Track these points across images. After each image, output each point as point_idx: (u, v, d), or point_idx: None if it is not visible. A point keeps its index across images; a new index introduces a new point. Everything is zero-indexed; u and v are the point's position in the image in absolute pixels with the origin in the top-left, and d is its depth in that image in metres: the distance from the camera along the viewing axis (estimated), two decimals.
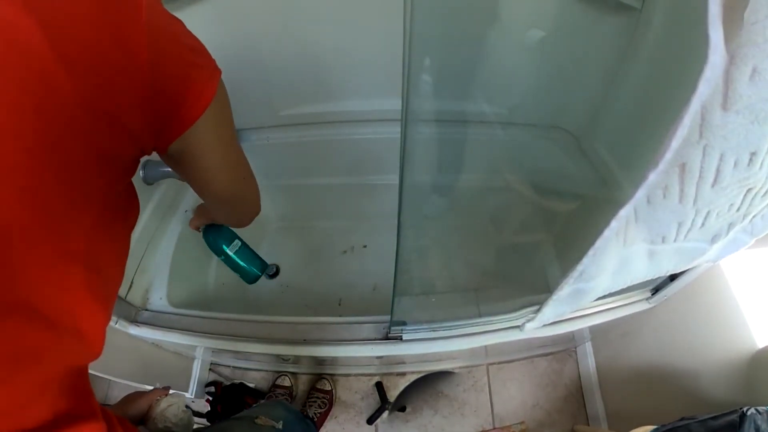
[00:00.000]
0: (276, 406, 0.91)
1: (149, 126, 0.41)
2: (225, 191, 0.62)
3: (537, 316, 0.51)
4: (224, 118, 0.52)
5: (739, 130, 0.31)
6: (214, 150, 0.53)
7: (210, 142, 0.51)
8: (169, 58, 0.41)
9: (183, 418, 0.72)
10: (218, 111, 0.49)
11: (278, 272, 1.83)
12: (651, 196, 0.39)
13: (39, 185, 0.32)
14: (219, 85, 0.48)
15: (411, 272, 1.45)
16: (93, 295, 0.39)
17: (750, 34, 0.25)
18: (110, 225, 0.42)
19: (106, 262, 0.42)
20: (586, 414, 1.55)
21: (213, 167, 0.56)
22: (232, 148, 0.57)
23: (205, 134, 0.49)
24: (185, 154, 0.51)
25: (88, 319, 0.39)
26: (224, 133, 0.53)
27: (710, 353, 1.05)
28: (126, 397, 0.74)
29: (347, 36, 1.33)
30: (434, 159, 1.60)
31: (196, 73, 0.44)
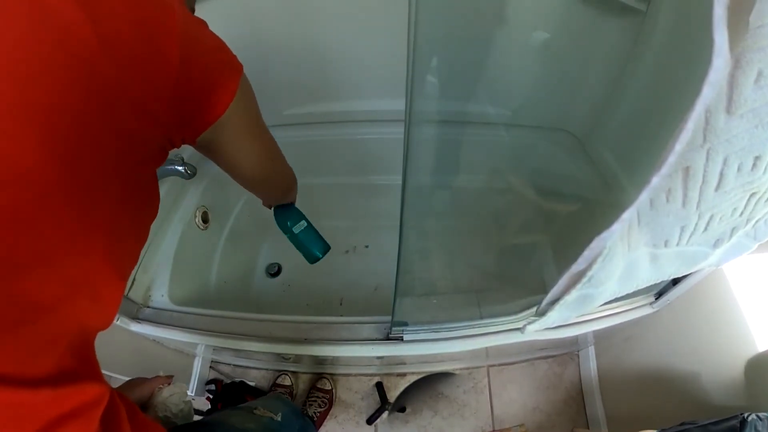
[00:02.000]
0: (275, 400, 0.92)
1: (178, 119, 0.45)
2: (255, 174, 0.69)
3: (541, 319, 0.51)
4: (249, 108, 0.56)
5: (743, 134, 0.31)
6: (242, 138, 0.58)
7: (237, 131, 0.55)
8: (197, 58, 0.44)
9: (183, 408, 0.72)
10: (243, 103, 0.53)
11: (280, 271, 1.84)
12: (654, 200, 0.39)
13: (70, 146, 0.35)
14: (242, 79, 0.51)
15: (413, 273, 1.45)
16: (112, 266, 0.41)
17: (755, 37, 0.25)
18: (133, 206, 0.44)
19: (126, 239, 0.44)
20: (586, 417, 1.54)
21: (241, 154, 0.61)
22: (258, 134, 0.62)
23: (231, 125, 0.53)
24: (214, 143, 0.55)
25: (104, 284, 0.41)
26: (250, 122, 0.58)
27: (712, 358, 1.05)
28: (129, 382, 0.75)
29: (352, 36, 1.34)
30: (437, 160, 1.60)
31: (221, 70, 0.48)
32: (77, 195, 0.36)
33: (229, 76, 0.49)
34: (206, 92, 0.47)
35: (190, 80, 0.43)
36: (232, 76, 0.50)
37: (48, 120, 0.33)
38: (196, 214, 1.46)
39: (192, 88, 0.44)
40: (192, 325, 1.16)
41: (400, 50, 0.72)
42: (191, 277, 1.41)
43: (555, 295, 0.47)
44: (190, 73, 0.43)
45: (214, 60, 0.48)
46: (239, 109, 0.52)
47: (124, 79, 0.37)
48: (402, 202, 0.83)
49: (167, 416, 0.70)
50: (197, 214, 1.46)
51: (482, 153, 1.58)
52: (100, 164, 0.38)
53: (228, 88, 0.49)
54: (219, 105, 0.48)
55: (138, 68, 0.38)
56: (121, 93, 0.37)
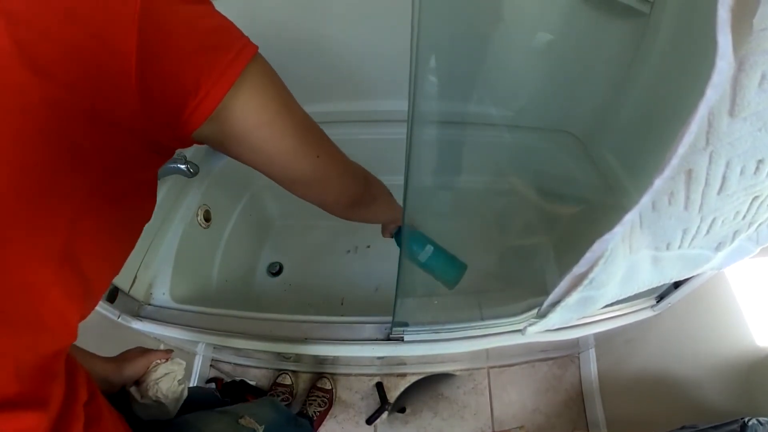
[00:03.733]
0: (265, 407, 0.89)
1: (158, 121, 0.40)
2: (290, 173, 0.58)
3: (541, 320, 0.51)
4: (265, 95, 0.47)
5: (746, 137, 0.31)
6: (257, 132, 0.48)
7: (250, 125, 0.47)
8: (171, 45, 0.38)
9: (176, 391, 0.71)
10: (255, 90, 0.45)
11: (281, 270, 1.84)
12: (656, 203, 0.39)
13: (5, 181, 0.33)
14: (251, 64, 0.44)
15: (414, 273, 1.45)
16: (64, 291, 0.39)
17: (759, 40, 0.25)
18: (101, 219, 0.41)
19: (91, 256, 0.41)
20: (586, 420, 1.54)
21: (262, 150, 0.51)
22: (282, 126, 0.51)
23: (239, 118, 0.46)
24: (225, 141, 0.48)
25: (52, 314, 0.39)
26: (268, 112, 0.48)
27: (713, 362, 1.05)
28: (126, 354, 0.73)
29: (355, 36, 1.34)
30: (439, 160, 1.60)
31: (213, 57, 0.41)
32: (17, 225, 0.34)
33: (229, 60, 0.42)
34: (191, 81, 0.40)
35: (161, 68, 0.38)
36: (232, 60, 0.42)
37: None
38: (198, 213, 1.46)
39: (166, 79, 0.38)
40: (193, 324, 1.16)
41: (403, 51, 0.72)
42: (192, 276, 1.41)
43: (556, 297, 0.47)
44: (160, 59, 0.37)
45: (201, 44, 0.40)
46: (250, 97, 0.45)
47: (60, 89, 0.34)
48: (404, 202, 0.83)
49: (158, 398, 0.69)
50: (199, 213, 1.46)
51: (484, 154, 1.58)
52: (42, 188, 0.35)
53: (223, 75, 0.41)
54: (211, 96, 0.41)
55: (80, 72, 0.34)
56: (57, 105, 0.34)
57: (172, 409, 0.71)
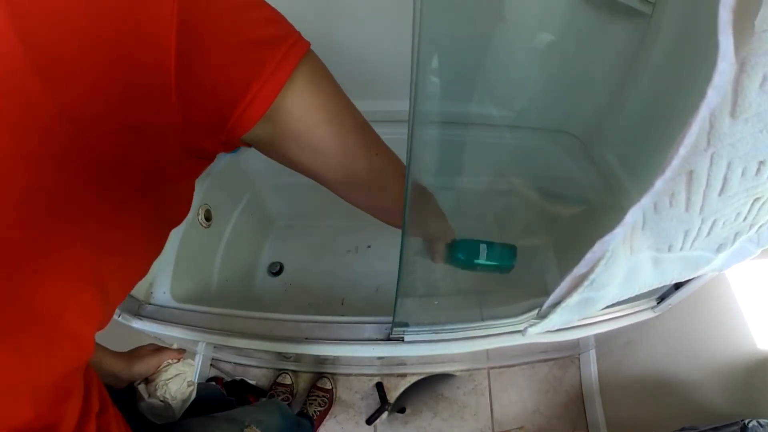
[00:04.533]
0: (272, 412, 0.88)
1: (197, 124, 0.36)
2: (348, 174, 0.53)
3: (542, 321, 0.51)
4: (321, 92, 0.44)
5: (747, 138, 0.31)
6: (315, 131, 0.45)
7: (308, 123, 0.44)
8: (216, 40, 0.34)
9: (184, 393, 0.71)
10: (311, 87, 0.42)
11: (282, 270, 1.84)
12: (658, 204, 0.39)
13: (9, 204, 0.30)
14: (305, 59, 0.40)
15: (414, 274, 1.44)
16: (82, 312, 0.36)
17: (761, 41, 0.25)
18: (131, 233, 0.38)
19: (116, 270, 0.38)
20: (586, 421, 1.54)
21: (319, 149, 0.47)
22: (340, 123, 0.47)
23: (296, 116, 0.42)
24: (278, 141, 0.44)
25: (70, 337, 0.37)
26: (326, 110, 0.45)
27: (713, 363, 1.05)
28: (138, 350, 0.72)
29: (356, 37, 1.34)
30: (440, 161, 1.60)
31: (264, 53, 0.36)
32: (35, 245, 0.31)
33: (280, 57, 0.37)
34: (235, 87, 0.36)
35: (205, 76, 0.34)
36: (283, 59, 0.38)
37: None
38: (199, 212, 1.46)
39: (211, 86, 0.34)
40: (193, 323, 1.16)
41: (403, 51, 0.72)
42: (193, 275, 1.41)
43: (557, 298, 0.47)
44: (203, 66, 0.33)
45: (247, 41, 0.35)
46: (302, 96, 0.41)
47: (87, 105, 0.30)
48: (405, 202, 0.83)
49: (165, 398, 0.69)
50: (200, 212, 1.46)
51: (485, 154, 1.58)
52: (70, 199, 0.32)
53: (272, 77, 0.37)
54: (258, 101, 0.37)
55: (110, 85, 0.30)
56: (88, 121, 0.30)
57: (178, 410, 0.71)
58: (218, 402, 0.88)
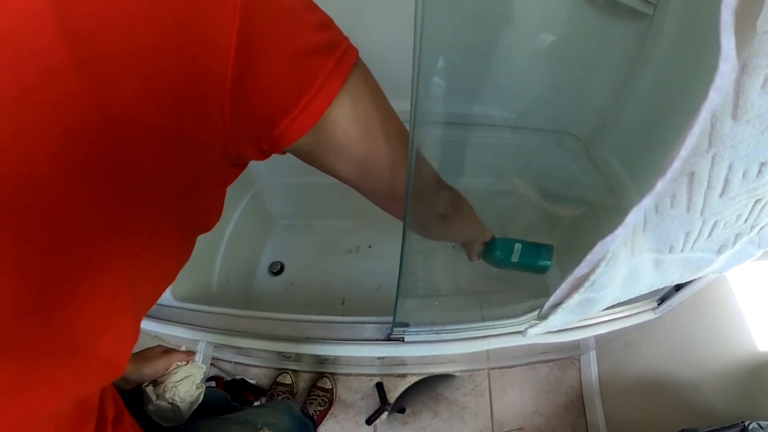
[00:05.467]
0: (282, 413, 0.87)
1: (243, 132, 0.34)
2: (386, 187, 0.52)
3: (542, 322, 0.51)
4: (369, 104, 0.42)
5: (749, 140, 0.31)
6: (360, 145, 0.43)
7: (353, 137, 0.42)
8: (275, 45, 0.31)
9: (193, 395, 0.71)
10: (359, 99, 0.40)
11: (282, 269, 1.84)
12: (659, 205, 0.39)
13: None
14: (353, 71, 0.38)
15: (415, 274, 1.45)
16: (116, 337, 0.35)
17: (762, 43, 0.25)
18: (166, 247, 0.36)
19: (148, 286, 0.37)
20: (585, 422, 1.54)
21: (360, 163, 0.46)
22: (385, 138, 0.46)
23: (341, 129, 0.40)
24: (319, 152, 0.42)
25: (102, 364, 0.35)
26: (372, 123, 0.43)
27: (713, 365, 1.05)
28: (147, 352, 0.72)
29: (358, 36, 1.34)
30: (441, 161, 1.60)
31: (317, 61, 0.35)
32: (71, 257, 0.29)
33: (332, 65, 0.35)
34: (287, 96, 0.34)
35: (260, 83, 0.31)
36: (334, 69, 0.36)
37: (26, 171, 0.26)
38: None
39: (264, 94, 0.32)
40: (194, 322, 1.16)
41: (405, 51, 0.72)
42: (194, 274, 1.41)
43: (557, 299, 0.47)
44: (259, 72, 0.31)
45: (303, 48, 0.33)
46: (353, 109, 0.40)
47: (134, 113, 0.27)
48: (406, 202, 0.83)
49: (174, 401, 0.69)
50: None
51: (486, 155, 1.58)
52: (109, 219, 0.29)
53: (324, 87, 0.35)
54: (308, 112, 0.35)
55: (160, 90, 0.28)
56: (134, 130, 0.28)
57: (185, 413, 0.70)
58: (224, 408, 0.88)
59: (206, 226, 0.43)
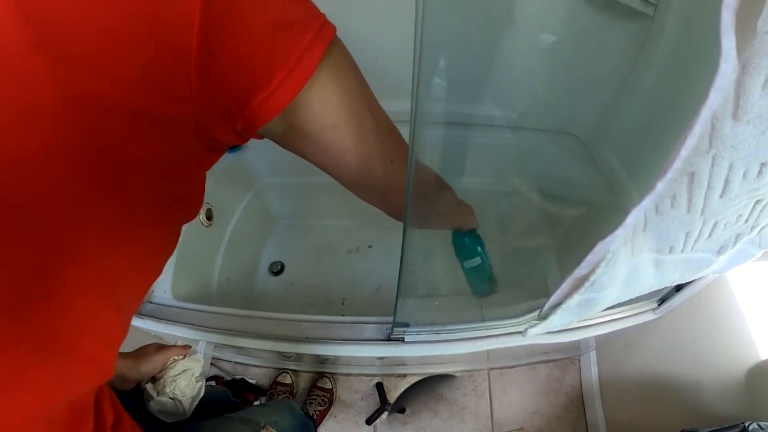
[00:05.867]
0: (284, 412, 0.87)
1: (213, 112, 0.32)
2: (360, 177, 0.49)
3: (542, 322, 0.51)
4: (346, 88, 0.40)
5: (749, 140, 0.31)
6: (332, 132, 0.42)
7: (325, 122, 0.40)
8: (242, 18, 0.30)
9: (194, 388, 0.71)
10: (335, 81, 0.39)
11: (283, 269, 1.84)
12: (659, 205, 0.39)
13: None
14: (331, 47, 0.36)
15: (415, 274, 1.45)
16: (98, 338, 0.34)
17: (763, 43, 0.25)
18: (142, 239, 0.35)
19: (129, 282, 0.36)
20: (585, 423, 1.54)
21: (333, 150, 0.44)
22: (360, 126, 0.44)
23: (315, 114, 0.39)
24: (291, 137, 0.41)
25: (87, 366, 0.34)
26: (348, 109, 0.41)
27: (713, 366, 1.05)
28: (144, 349, 0.71)
29: (359, 36, 1.34)
30: (442, 161, 1.60)
31: (291, 37, 0.33)
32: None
33: (303, 45, 0.33)
34: (258, 73, 0.32)
35: (228, 59, 0.30)
36: (310, 45, 0.34)
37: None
38: (200, 211, 1.46)
39: (233, 71, 0.31)
40: (194, 322, 1.16)
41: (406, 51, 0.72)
42: (194, 274, 1.42)
43: (557, 299, 0.47)
44: (226, 48, 0.30)
45: (274, 21, 0.32)
46: (329, 92, 0.38)
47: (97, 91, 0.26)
48: (406, 202, 0.83)
49: (175, 395, 0.68)
50: (201, 211, 1.46)
51: (487, 155, 1.58)
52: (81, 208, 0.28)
53: (299, 64, 0.33)
54: (283, 91, 0.33)
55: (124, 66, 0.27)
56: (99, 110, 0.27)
57: (188, 407, 0.70)
58: (225, 405, 0.88)
59: (187, 213, 0.40)
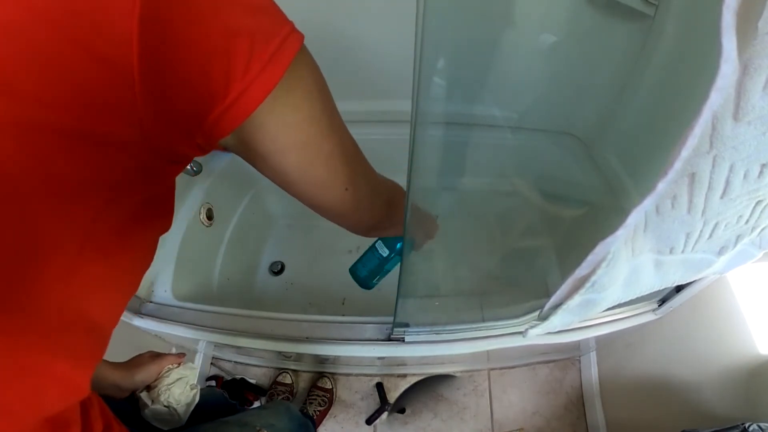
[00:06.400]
0: (281, 415, 0.87)
1: (167, 126, 0.30)
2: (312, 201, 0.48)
3: (543, 323, 0.51)
4: (308, 108, 0.38)
5: (750, 141, 0.31)
6: (287, 157, 0.39)
7: (280, 146, 0.38)
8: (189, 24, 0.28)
9: (188, 396, 0.71)
10: (298, 99, 0.36)
11: (283, 269, 1.84)
12: (660, 206, 0.39)
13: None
14: (298, 58, 0.34)
15: (416, 274, 1.45)
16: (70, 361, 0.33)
17: (764, 44, 0.25)
18: (109, 254, 0.33)
19: (100, 299, 0.34)
20: (585, 423, 1.54)
21: (286, 174, 0.41)
22: (316, 152, 0.41)
23: (270, 136, 0.36)
24: (246, 154, 0.39)
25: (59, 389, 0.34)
26: (306, 133, 0.39)
27: (714, 366, 1.05)
28: (138, 359, 0.71)
29: (360, 36, 1.34)
30: (442, 161, 1.60)
31: (252, 44, 0.30)
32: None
33: (267, 55, 0.31)
34: (213, 83, 0.30)
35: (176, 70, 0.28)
36: (274, 55, 0.31)
37: None
38: (201, 211, 1.46)
39: (182, 82, 0.29)
40: (194, 322, 1.16)
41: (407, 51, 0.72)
42: (194, 274, 1.42)
43: (558, 300, 0.47)
44: (172, 58, 0.28)
45: (231, 28, 0.29)
46: (289, 112, 0.36)
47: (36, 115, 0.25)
48: (406, 202, 0.83)
49: (170, 403, 0.69)
50: (202, 211, 1.46)
51: (487, 155, 1.58)
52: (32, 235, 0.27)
53: (262, 74, 0.31)
54: (243, 102, 0.31)
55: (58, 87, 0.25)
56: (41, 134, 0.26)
57: (183, 414, 0.70)
58: (223, 407, 0.88)
59: (158, 226, 0.39)
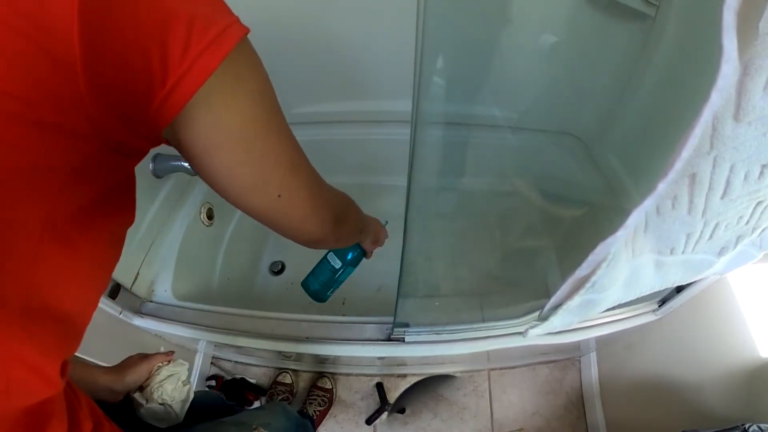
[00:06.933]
0: (277, 414, 0.87)
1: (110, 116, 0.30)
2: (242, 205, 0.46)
3: (543, 323, 0.51)
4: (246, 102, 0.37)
5: (750, 141, 0.31)
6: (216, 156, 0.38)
7: (210, 144, 0.37)
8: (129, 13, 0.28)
9: (182, 392, 0.71)
10: (234, 93, 0.36)
11: (283, 269, 1.84)
12: (660, 207, 0.39)
13: None
14: (238, 49, 0.33)
15: (416, 274, 1.45)
16: (36, 348, 0.33)
17: (765, 44, 0.25)
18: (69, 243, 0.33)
19: (66, 288, 0.34)
20: (585, 424, 1.53)
21: (215, 174, 0.41)
22: (247, 152, 0.40)
23: (200, 132, 0.36)
24: (179, 149, 0.38)
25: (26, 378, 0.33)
26: (239, 131, 0.38)
27: (714, 367, 1.04)
28: (127, 361, 0.71)
29: (361, 37, 1.34)
30: (443, 162, 1.60)
31: (189, 31, 0.30)
32: None
33: (205, 41, 0.31)
34: (151, 70, 0.30)
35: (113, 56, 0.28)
36: (214, 41, 0.31)
37: None
38: (201, 211, 1.46)
39: (120, 69, 0.29)
40: (194, 321, 1.16)
41: (408, 51, 0.72)
42: (195, 273, 1.42)
43: (558, 300, 0.47)
44: (110, 44, 0.28)
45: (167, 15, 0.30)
46: (223, 107, 0.35)
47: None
48: (407, 203, 0.83)
49: (164, 400, 0.68)
50: (202, 211, 1.46)
51: (488, 156, 1.58)
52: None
53: (198, 61, 0.31)
54: (181, 89, 0.31)
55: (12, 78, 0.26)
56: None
57: (179, 411, 0.70)
58: (220, 408, 0.88)
59: (119, 220, 0.38)
